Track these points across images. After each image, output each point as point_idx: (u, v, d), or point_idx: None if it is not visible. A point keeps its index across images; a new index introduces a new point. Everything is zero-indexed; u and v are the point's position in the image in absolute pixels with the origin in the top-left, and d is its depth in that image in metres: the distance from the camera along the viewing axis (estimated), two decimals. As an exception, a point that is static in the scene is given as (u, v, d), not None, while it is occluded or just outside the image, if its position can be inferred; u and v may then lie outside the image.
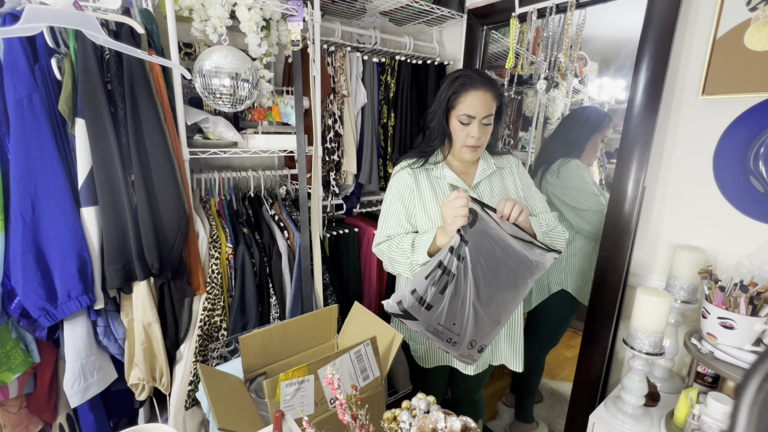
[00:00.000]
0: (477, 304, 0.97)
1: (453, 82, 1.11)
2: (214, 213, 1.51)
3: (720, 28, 1.10)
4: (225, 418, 0.96)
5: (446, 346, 1.01)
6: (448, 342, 1.00)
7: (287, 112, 1.57)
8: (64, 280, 1.11)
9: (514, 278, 1.00)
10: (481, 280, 0.96)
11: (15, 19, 0.98)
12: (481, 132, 1.11)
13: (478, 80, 1.09)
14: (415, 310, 0.95)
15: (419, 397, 0.65)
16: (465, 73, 1.11)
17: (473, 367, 1.26)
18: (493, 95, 1.10)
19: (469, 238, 0.95)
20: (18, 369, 1.14)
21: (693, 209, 1.23)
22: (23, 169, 1.06)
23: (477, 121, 1.09)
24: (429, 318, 0.96)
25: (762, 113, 1.07)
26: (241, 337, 1.17)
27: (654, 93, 1.20)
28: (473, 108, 1.08)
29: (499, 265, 0.98)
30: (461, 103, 1.10)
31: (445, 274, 0.95)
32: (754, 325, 0.96)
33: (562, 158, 1.65)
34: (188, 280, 1.32)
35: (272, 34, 1.52)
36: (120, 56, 1.14)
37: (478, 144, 1.12)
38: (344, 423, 0.64)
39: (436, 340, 1.00)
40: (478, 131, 1.10)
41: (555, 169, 1.65)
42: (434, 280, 0.95)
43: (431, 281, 0.95)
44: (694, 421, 0.98)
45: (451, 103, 1.12)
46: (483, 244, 0.96)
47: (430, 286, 0.95)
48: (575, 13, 1.41)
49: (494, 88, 1.10)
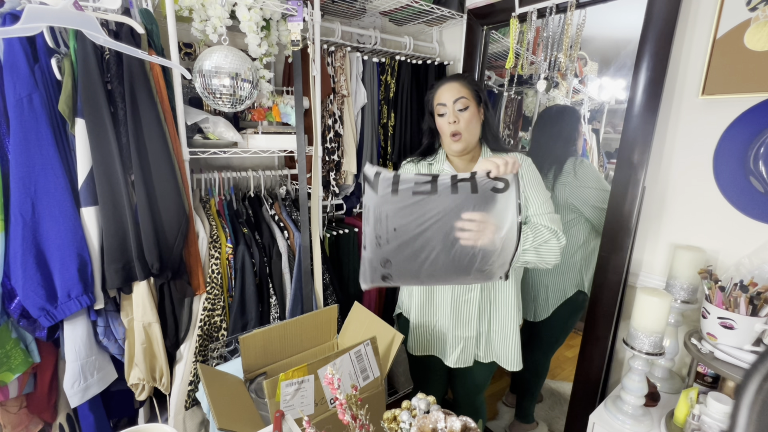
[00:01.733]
0: (414, 239, 0.94)
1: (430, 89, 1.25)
2: (214, 213, 1.51)
3: (720, 28, 1.10)
4: (225, 418, 0.96)
5: (373, 245, 0.97)
6: (377, 239, 0.96)
7: (287, 112, 1.57)
8: (64, 280, 1.11)
9: (446, 267, 0.97)
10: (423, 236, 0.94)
11: (15, 19, 0.98)
12: (457, 116, 1.17)
13: (447, 78, 1.22)
14: (385, 183, 0.93)
15: (419, 397, 0.65)
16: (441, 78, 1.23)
17: (454, 358, 1.28)
18: (461, 83, 1.19)
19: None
20: (18, 369, 1.15)
21: (693, 209, 1.23)
22: (23, 169, 1.06)
23: (449, 107, 1.17)
24: (387, 204, 0.93)
25: (762, 113, 1.07)
26: (241, 337, 1.17)
27: (654, 93, 1.20)
28: (442, 96, 1.19)
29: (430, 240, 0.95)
30: (435, 98, 1.22)
31: (430, 184, 0.93)
32: (754, 325, 0.96)
33: (572, 157, 1.63)
34: (188, 280, 1.32)
35: (272, 34, 1.52)
36: (120, 56, 1.14)
37: (457, 130, 1.17)
38: (344, 423, 0.65)
39: (369, 230, 0.97)
40: (453, 116, 1.17)
41: (570, 169, 1.60)
42: (419, 182, 0.93)
43: (417, 180, 0.93)
44: (694, 421, 0.98)
45: (430, 104, 1.25)
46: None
47: (415, 183, 0.93)
48: (575, 13, 1.41)
49: (462, 79, 1.20)
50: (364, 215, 0.98)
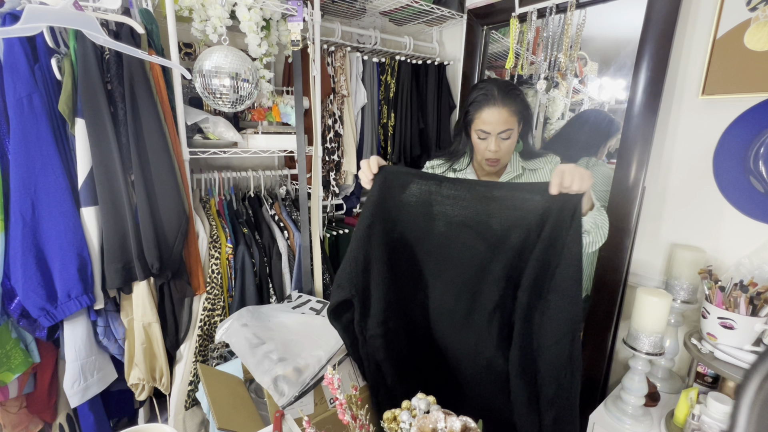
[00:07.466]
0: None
1: (473, 94, 1.11)
2: (214, 213, 1.50)
3: (720, 28, 1.10)
4: (225, 418, 0.96)
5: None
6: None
7: (287, 112, 1.57)
8: (64, 280, 1.11)
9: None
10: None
11: (15, 19, 0.98)
12: (499, 146, 1.09)
13: (496, 96, 1.06)
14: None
15: (419, 397, 0.65)
16: (485, 87, 1.09)
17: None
18: (510, 111, 1.07)
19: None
20: (18, 369, 1.14)
21: (693, 209, 1.23)
22: (23, 169, 1.06)
23: (493, 136, 1.08)
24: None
25: (762, 113, 1.07)
26: (241, 337, 1.17)
27: (654, 93, 1.20)
28: (489, 125, 1.07)
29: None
30: (477, 118, 1.09)
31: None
32: (754, 325, 0.96)
33: (587, 157, 1.61)
34: (188, 280, 1.32)
35: (272, 34, 1.52)
36: (120, 56, 1.14)
37: (496, 157, 1.11)
38: (344, 423, 0.64)
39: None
40: (496, 145, 1.08)
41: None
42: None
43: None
44: (694, 421, 0.98)
45: (470, 116, 1.12)
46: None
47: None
48: (575, 13, 1.41)
49: (513, 104, 1.07)
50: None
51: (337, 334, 1.06)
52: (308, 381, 0.97)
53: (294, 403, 0.93)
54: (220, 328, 1.18)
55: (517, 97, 1.08)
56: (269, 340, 1.08)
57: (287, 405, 0.91)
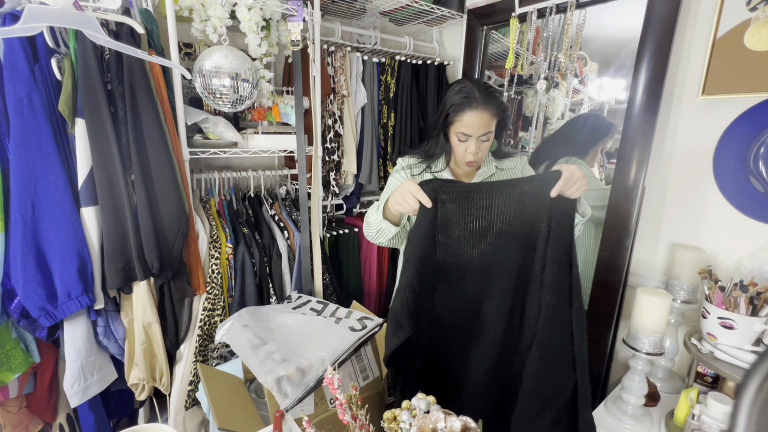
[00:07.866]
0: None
1: (453, 97, 1.10)
2: (214, 213, 1.50)
3: (720, 28, 1.10)
4: (225, 418, 0.96)
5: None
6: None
7: (287, 112, 1.57)
8: (64, 280, 1.11)
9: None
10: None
11: (15, 19, 0.98)
12: (479, 148, 1.10)
13: (477, 98, 1.06)
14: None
15: (419, 397, 0.65)
16: (465, 89, 1.08)
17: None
18: (491, 113, 1.07)
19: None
20: (18, 369, 1.14)
21: (693, 209, 1.23)
22: (23, 169, 1.06)
23: (474, 138, 1.08)
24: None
25: (762, 113, 1.07)
26: (241, 337, 1.17)
27: (654, 93, 1.20)
28: (470, 128, 1.07)
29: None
30: (459, 121, 1.08)
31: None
32: (754, 325, 0.96)
33: (566, 156, 1.62)
34: (188, 280, 1.32)
35: (272, 34, 1.52)
36: (120, 56, 1.14)
37: (475, 159, 1.12)
38: (344, 423, 0.65)
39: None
40: (476, 147, 1.09)
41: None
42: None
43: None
44: (694, 421, 0.98)
45: (450, 118, 1.11)
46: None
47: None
48: (575, 13, 1.41)
49: (494, 106, 1.07)
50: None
51: (340, 335, 1.06)
52: (312, 383, 0.96)
53: (296, 405, 0.93)
54: (220, 329, 1.18)
55: (497, 100, 1.09)
56: (271, 341, 1.08)
57: (291, 407, 0.91)
